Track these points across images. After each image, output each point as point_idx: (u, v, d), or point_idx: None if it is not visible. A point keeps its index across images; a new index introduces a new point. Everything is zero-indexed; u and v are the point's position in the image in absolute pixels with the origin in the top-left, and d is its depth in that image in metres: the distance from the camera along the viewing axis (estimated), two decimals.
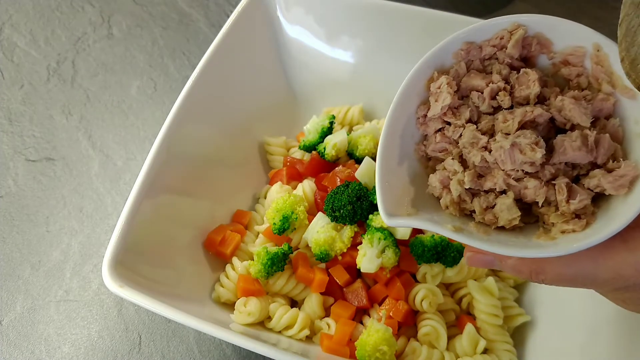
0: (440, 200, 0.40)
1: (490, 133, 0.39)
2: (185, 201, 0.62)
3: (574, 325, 0.56)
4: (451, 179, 0.39)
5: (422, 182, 0.41)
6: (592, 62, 0.38)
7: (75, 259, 0.71)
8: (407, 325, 0.58)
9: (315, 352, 0.55)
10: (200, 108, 0.65)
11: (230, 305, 0.59)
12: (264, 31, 0.77)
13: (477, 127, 0.39)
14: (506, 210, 0.37)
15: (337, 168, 0.63)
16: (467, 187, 0.38)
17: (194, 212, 0.63)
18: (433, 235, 0.56)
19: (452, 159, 0.40)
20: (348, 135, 0.68)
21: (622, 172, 0.34)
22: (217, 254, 0.62)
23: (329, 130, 0.70)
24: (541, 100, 0.39)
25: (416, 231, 0.59)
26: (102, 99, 0.89)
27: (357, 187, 0.57)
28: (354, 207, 0.56)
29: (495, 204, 0.38)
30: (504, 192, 0.38)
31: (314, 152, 0.69)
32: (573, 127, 0.37)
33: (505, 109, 0.39)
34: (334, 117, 0.71)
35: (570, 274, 0.35)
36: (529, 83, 0.38)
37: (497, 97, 0.39)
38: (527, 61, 0.41)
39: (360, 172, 0.60)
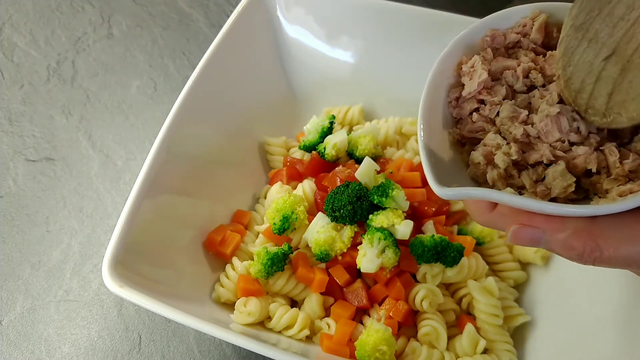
0: (487, 176, 0.38)
1: (528, 110, 0.38)
2: (185, 201, 0.62)
3: (574, 325, 0.56)
4: (495, 153, 0.37)
5: (459, 169, 0.40)
6: None
7: (75, 259, 0.71)
8: (407, 325, 0.58)
9: (315, 352, 0.55)
10: (200, 108, 0.65)
11: (230, 305, 0.59)
12: (264, 31, 0.77)
13: (514, 103, 0.39)
14: (560, 177, 0.35)
15: (337, 168, 0.63)
16: (513, 159, 0.36)
17: (194, 212, 0.63)
18: (433, 235, 0.56)
19: (495, 133, 0.39)
20: (348, 135, 0.68)
21: None
22: (217, 254, 0.62)
23: (329, 130, 0.69)
24: None
25: (416, 231, 0.59)
26: (102, 99, 0.89)
27: (357, 187, 0.57)
28: (354, 207, 0.56)
29: (545, 176, 0.36)
30: (551, 164, 0.36)
31: (314, 152, 0.69)
32: None
33: (539, 87, 0.39)
34: (334, 117, 0.71)
35: (629, 252, 0.32)
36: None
37: (530, 75, 0.39)
38: (549, 49, 0.41)
39: (360, 172, 0.60)
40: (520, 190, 0.37)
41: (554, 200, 0.36)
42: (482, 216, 0.40)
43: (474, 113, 0.40)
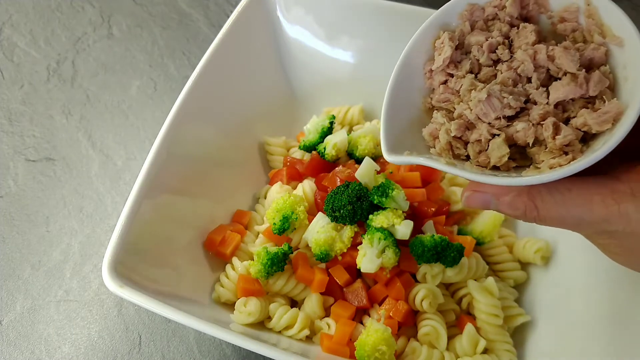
0: (431, 150, 0.42)
1: (489, 83, 0.41)
2: (185, 201, 0.62)
3: (574, 325, 0.56)
4: (439, 130, 0.42)
5: (421, 137, 0.44)
6: (585, 17, 0.40)
7: (75, 259, 0.71)
8: (407, 325, 0.58)
9: (315, 352, 0.55)
10: (200, 108, 0.65)
11: (230, 305, 0.59)
12: (264, 31, 0.77)
13: (475, 77, 0.42)
14: (496, 148, 0.39)
15: (337, 168, 0.63)
16: (453, 135, 0.40)
17: (194, 212, 0.63)
18: (433, 235, 0.56)
19: (437, 112, 0.43)
20: (348, 135, 0.68)
21: (606, 109, 0.36)
22: (217, 254, 0.62)
23: (329, 130, 0.69)
24: None
25: (416, 231, 0.59)
26: (102, 99, 0.89)
27: (357, 187, 0.57)
28: (354, 207, 0.56)
29: (488, 147, 0.40)
30: (495, 136, 0.40)
31: (314, 152, 0.69)
32: (565, 75, 0.40)
33: (504, 61, 0.42)
34: (334, 117, 0.71)
35: (560, 213, 0.37)
36: (527, 34, 0.41)
37: (497, 50, 0.42)
38: (527, 20, 0.44)
39: (360, 172, 0.60)
40: (467, 158, 0.41)
41: (496, 168, 0.40)
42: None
43: (442, 85, 0.44)
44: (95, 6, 1.03)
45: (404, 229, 0.56)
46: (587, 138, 0.38)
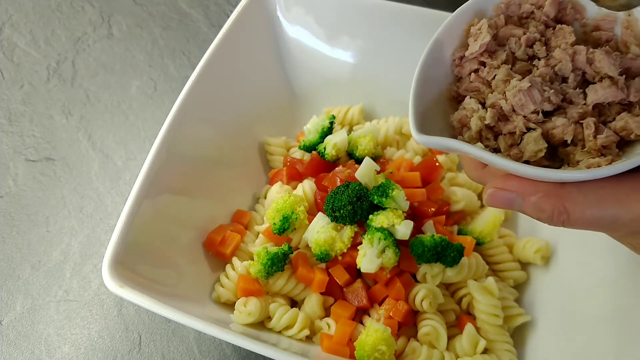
0: (459, 138, 0.40)
1: (524, 77, 0.40)
2: (185, 201, 0.62)
3: (574, 325, 0.56)
4: (470, 117, 0.39)
5: (445, 125, 0.42)
6: (622, 27, 0.39)
7: (75, 259, 0.71)
8: (407, 325, 0.58)
9: (315, 352, 0.55)
10: (200, 108, 0.65)
11: (230, 305, 0.59)
12: (264, 31, 0.77)
13: (511, 68, 0.40)
14: (533, 142, 0.37)
15: (337, 168, 0.63)
16: (486, 123, 0.38)
17: (194, 212, 0.63)
18: (433, 235, 0.56)
19: (470, 97, 0.40)
20: (348, 135, 0.68)
21: None
22: (217, 254, 0.62)
23: (329, 130, 0.69)
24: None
25: (416, 231, 0.59)
26: (102, 99, 0.89)
27: (357, 187, 0.57)
28: (354, 207, 0.56)
29: (520, 141, 0.38)
30: (529, 130, 0.38)
31: (314, 152, 0.69)
32: (602, 80, 0.39)
33: (541, 58, 0.41)
34: (334, 117, 0.71)
35: (593, 214, 0.35)
36: (565, 34, 0.40)
37: (534, 46, 0.41)
38: (560, 23, 0.43)
39: (360, 172, 0.60)
40: (495, 150, 0.39)
41: (527, 163, 0.38)
42: (473, 172, 0.44)
43: (473, 74, 0.42)
44: (95, 6, 1.03)
45: (404, 229, 0.56)
46: (620, 145, 0.37)
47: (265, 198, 0.70)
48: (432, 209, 0.62)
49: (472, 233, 0.64)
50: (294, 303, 0.61)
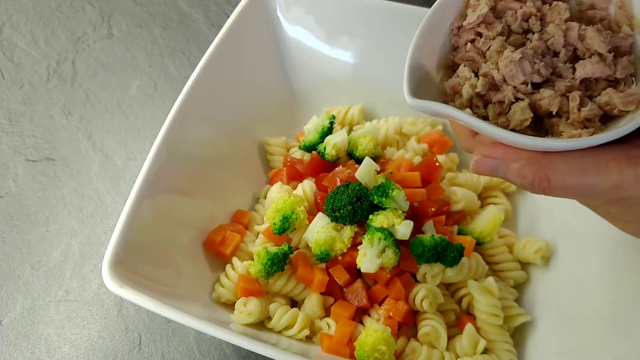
0: (450, 104, 0.41)
1: (517, 49, 0.41)
2: (185, 201, 0.62)
3: (574, 325, 0.56)
4: (463, 85, 0.41)
5: (437, 92, 0.43)
6: (616, 7, 0.41)
7: (75, 259, 0.71)
8: (407, 325, 0.58)
9: (315, 352, 0.55)
10: (200, 108, 0.65)
11: (230, 305, 0.59)
12: (264, 31, 0.77)
13: (506, 40, 0.42)
14: (520, 111, 0.38)
15: (337, 168, 0.63)
16: (477, 91, 0.40)
17: (194, 212, 0.63)
18: (433, 235, 0.56)
19: (464, 66, 0.42)
20: (348, 135, 0.68)
21: (632, 91, 0.37)
22: (217, 254, 0.62)
23: (329, 130, 0.69)
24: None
25: (416, 231, 0.59)
26: (102, 99, 0.89)
27: (357, 187, 0.57)
28: (354, 207, 0.56)
29: (508, 110, 0.39)
30: (517, 101, 0.39)
31: (314, 152, 0.69)
32: (592, 56, 0.40)
33: (535, 32, 0.42)
34: (334, 117, 0.71)
35: (573, 182, 0.36)
36: (560, 11, 0.42)
37: (530, 20, 0.42)
38: (557, 0, 0.44)
39: (360, 173, 0.60)
40: (484, 118, 0.40)
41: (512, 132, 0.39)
42: (464, 141, 0.45)
43: (469, 43, 0.43)
44: (95, 6, 1.03)
45: (404, 229, 0.56)
46: (603, 120, 0.38)
47: (265, 198, 0.70)
48: (432, 209, 0.62)
49: (472, 233, 0.64)
50: (294, 303, 0.61)
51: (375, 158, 0.67)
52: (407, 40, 0.44)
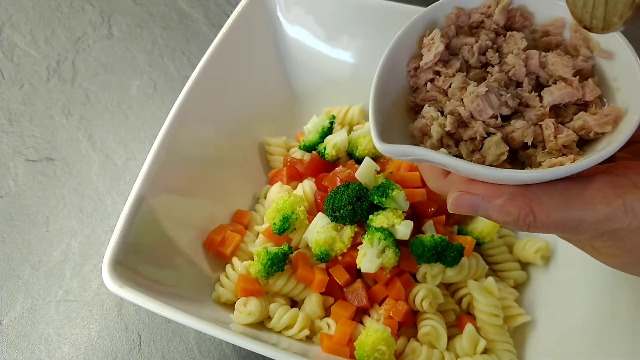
0: (420, 146, 0.40)
1: (479, 84, 0.40)
2: (185, 201, 0.62)
3: (574, 325, 0.56)
4: (431, 125, 0.40)
5: (405, 136, 0.42)
6: (571, 31, 0.40)
7: (75, 259, 0.71)
8: (407, 325, 0.58)
9: (315, 352, 0.55)
10: (200, 108, 0.65)
11: (230, 305, 0.59)
12: (264, 31, 0.77)
13: (466, 76, 0.41)
14: (494, 146, 0.37)
15: (337, 168, 0.63)
16: (447, 130, 0.38)
17: (194, 212, 0.63)
18: (433, 235, 0.56)
19: (429, 106, 0.41)
20: (348, 135, 0.68)
21: (606, 112, 0.36)
22: (217, 254, 0.62)
23: (329, 130, 0.70)
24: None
25: (416, 231, 0.59)
26: (102, 99, 0.89)
27: (357, 187, 0.57)
28: (354, 207, 0.56)
29: (482, 146, 0.38)
30: (489, 135, 0.38)
31: (314, 152, 0.69)
32: (556, 82, 0.39)
33: (494, 64, 0.41)
34: (334, 117, 0.71)
35: (559, 217, 0.34)
36: (517, 40, 0.41)
37: (487, 53, 0.42)
38: (510, 30, 0.43)
39: (360, 173, 0.60)
40: (457, 156, 0.39)
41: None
42: (434, 182, 0.42)
43: (429, 83, 0.42)
44: (95, 6, 1.03)
45: (404, 229, 0.56)
46: (580, 145, 0.37)
47: (265, 198, 0.70)
48: (432, 209, 0.62)
49: (472, 233, 0.64)
50: (294, 303, 0.61)
51: (375, 158, 0.67)
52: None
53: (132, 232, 0.53)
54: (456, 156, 0.38)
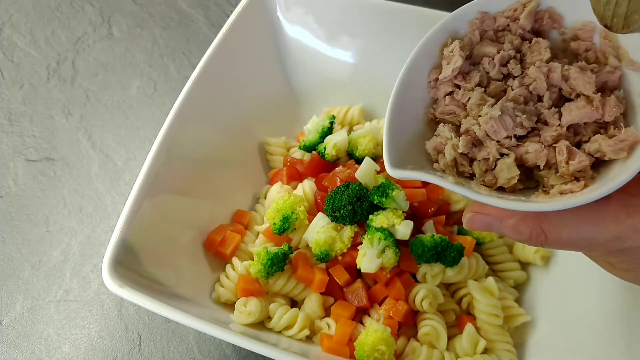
0: (435, 165, 0.40)
1: (498, 98, 0.40)
2: (185, 201, 0.62)
3: (574, 325, 0.56)
4: (445, 145, 0.39)
5: (423, 150, 0.42)
6: (601, 37, 0.39)
7: (75, 259, 0.71)
8: (407, 325, 0.58)
9: (315, 352, 0.55)
10: (200, 108, 0.65)
11: (230, 305, 0.59)
12: (264, 31, 0.77)
13: (485, 91, 0.40)
14: (506, 169, 0.37)
15: (337, 168, 0.63)
16: (460, 152, 0.38)
17: (194, 212, 0.63)
18: (433, 235, 0.56)
19: (444, 125, 0.40)
20: (348, 135, 0.68)
21: (622, 137, 0.35)
22: (217, 254, 0.62)
23: (329, 130, 0.70)
24: None
25: (416, 231, 0.59)
26: (102, 99, 0.89)
27: (357, 187, 0.57)
28: (354, 207, 0.56)
29: (495, 167, 0.38)
30: (503, 156, 0.38)
31: (314, 152, 0.69)
32: (578, 97, 0.38)
33: (516, 77, 0.40)
34: (334, 117, 0.71)
35: (569, 236, 0.35)
36: (541, 50, 0.40)
37: (508, 65, 0.40)
38: (538, 35, 0.42)
39: (360, 173, 0.60)
40: (472, 175, 0.39)
41: (502, 188, 0.38)
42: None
43: (448, 96, 0.42)
44: (95, 6, 1.03)
45: (404, 229, 0.56)
46: (596, 164, 0.37)
47: (265, 198, 0.70)
48: (432, 209, 0.62)
49: (472, 233, 0.64)
50: (294, 303, 0.61)
51: (375, 158, 0.67)
52: (407, 41, 0.44)
53: (132, 232, 0.53)
54: (470, 174, 0.39)
